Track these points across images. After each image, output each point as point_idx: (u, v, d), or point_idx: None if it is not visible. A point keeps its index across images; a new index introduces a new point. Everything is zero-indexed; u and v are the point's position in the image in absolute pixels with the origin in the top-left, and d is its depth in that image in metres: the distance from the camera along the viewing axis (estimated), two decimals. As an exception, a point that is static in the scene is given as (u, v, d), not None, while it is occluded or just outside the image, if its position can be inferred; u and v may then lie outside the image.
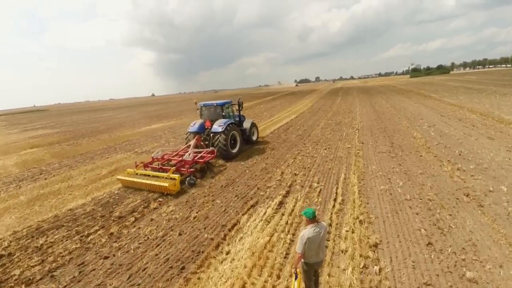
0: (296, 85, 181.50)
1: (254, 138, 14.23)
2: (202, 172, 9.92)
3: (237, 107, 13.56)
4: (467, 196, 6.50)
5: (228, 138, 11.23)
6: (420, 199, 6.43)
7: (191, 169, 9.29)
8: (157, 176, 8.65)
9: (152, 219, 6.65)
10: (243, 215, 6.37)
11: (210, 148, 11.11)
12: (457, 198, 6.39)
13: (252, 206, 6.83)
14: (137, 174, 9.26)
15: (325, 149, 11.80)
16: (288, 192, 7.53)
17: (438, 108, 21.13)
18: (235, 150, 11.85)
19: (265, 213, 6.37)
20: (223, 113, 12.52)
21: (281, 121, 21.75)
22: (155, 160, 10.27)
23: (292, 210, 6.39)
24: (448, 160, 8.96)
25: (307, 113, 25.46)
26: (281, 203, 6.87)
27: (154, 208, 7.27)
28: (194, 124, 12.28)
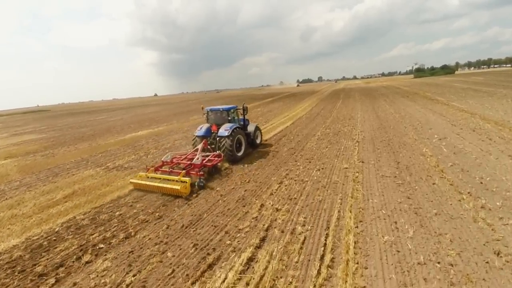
0: (298, 85, 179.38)
1: (258, 141, 14.55)
2: (210, 174, 10.36)
3: (242, 112, 13.74)
4: (498, 255, 4.75)
5: (234, 142, 11.58)
6: (438, 263, 4.66)
7: (200, 173, 9.54)
8: (168, 179, 9.07)
9: (75, 284, 4.96)
10: (193, 283, 4.65)
11: (217, 151, 11.50)
12: (487, 262, 4.63)
13: (210, 265, 5.09)
14: (148, 177, 9.52)
15: (318, 169, 10.04)
16: (262, 240, 5.79)
17: (447, 115, 19.27)
18: (240, 153, 12.19)
19: (224, 280, 4.65)
20: (229, 118, 12.72)
21: (275, 129, 20.03)
22: (165, 163, 10.60)
23: (261, 278, 4.66)
24: (469, 192, 7.17)
25: (304, 119, 23.71)
26: (249, 261, 5.14)
27: (87, 262, 5.57)
28: (201, 128, 12.53)
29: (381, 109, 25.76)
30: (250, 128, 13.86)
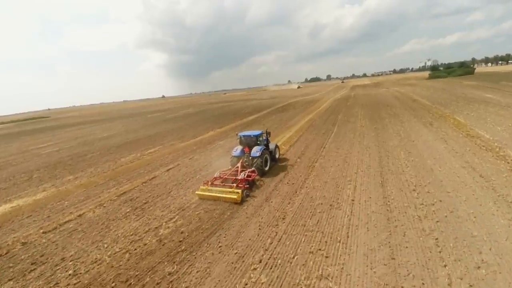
0: (298, 87, 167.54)
1: (277, 156, 17.97)
2: (251, 185, 13.65)
3: (266, 135, 17.35)
4: None
5: (263, 160, 15.22)
6: None
7: (247, 185, 13.11)
8: (224, 191, 12.53)
9: None
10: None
11: (252, 168, 14.70)
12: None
13: None
14: (207, 189, 12.97)
15: None
16: None
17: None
18: (267, 168, 15.76)
19: None
20: (258, 141, 16.10)
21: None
22: (216, 178, 14.03)
23: None
24: None
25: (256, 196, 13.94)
26: None
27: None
28: (236, 150, 16.07)
29: (393, 162, 15.79)
30: (271, 146, 17.41)
